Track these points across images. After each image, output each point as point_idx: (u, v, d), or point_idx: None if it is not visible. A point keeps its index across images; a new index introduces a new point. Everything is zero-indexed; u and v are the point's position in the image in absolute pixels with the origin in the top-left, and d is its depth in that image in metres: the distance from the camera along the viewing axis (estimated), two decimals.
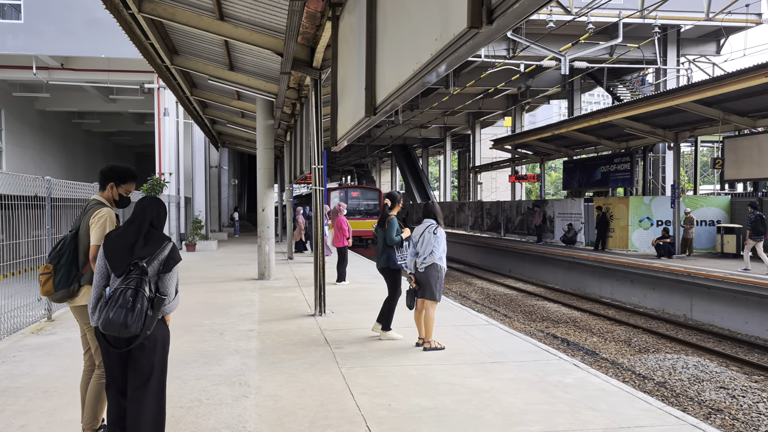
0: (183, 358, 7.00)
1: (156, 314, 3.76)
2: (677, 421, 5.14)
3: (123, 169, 4.47)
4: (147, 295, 3.70)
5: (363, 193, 30.94)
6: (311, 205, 10.62)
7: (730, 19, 21.27)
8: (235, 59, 12.91)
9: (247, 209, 58.36)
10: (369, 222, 26.35)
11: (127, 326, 3.64)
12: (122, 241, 3.84)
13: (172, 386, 5.76)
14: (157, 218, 3.95)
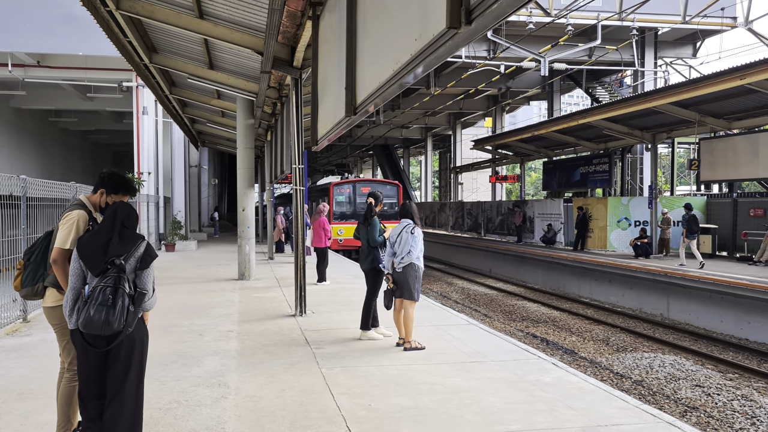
0: (161, 359, 6.94)
1: (138, 310, 3.76)
2: (653, 419, 5.21)
3: (120, 180, 4.41)
4: (127, 292, 3.69)
5: (377, 187, 23.77)
6: (293, 205, 10.56)
7: (705, 23, 21.59)
8: (215, 58, 12.82)
9: (228, 209, 57.98)
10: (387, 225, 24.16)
11: (109, 323, 3.62)
12: (96, 241, 3.83)
13: (150, 388, 5.70)
14: (127, 219, 3.93)
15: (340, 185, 23.86)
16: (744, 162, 16.46)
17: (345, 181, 24.93)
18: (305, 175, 10.89)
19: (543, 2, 20.37)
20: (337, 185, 23.66)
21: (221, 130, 23.54)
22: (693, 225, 16.79)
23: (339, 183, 24.06)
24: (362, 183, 25.02)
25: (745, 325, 13.67)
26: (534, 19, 20.05)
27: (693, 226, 16.80)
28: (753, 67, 13.20)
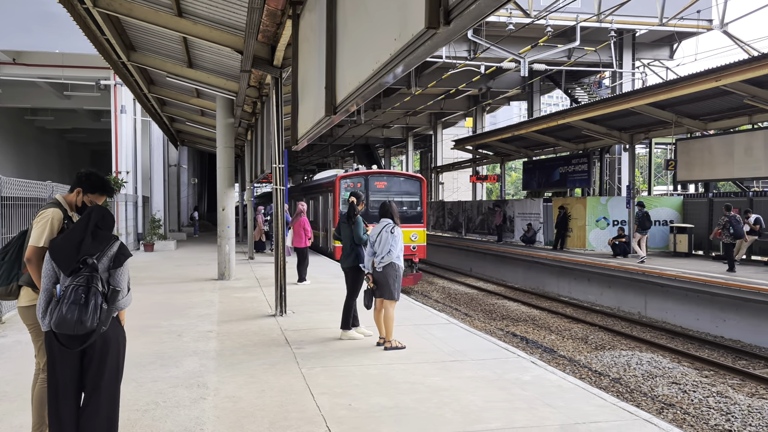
0: (139, 360, 6.87)
1: (111, 308, 3.72)
2: (630, 416, 5.27)
3: (98, 180, 4.37)
4: (100, 290, 3.66)
5: (395, 183, 19.55)
6: (277, 204, 10.52)
7: (682, 25, 21.89)
8: (195, 56, 12.73)
9: (208, 208, 57.58)
10: (406, 232, 16.96)
11: (82, 322, 3.58)
12: (68, 241, 3.79)
13: (128, 389, 5.64)
14: (102, 221, 3.89)
15: (348, 178, 19.14)
16: (719, 162, 16.72)
17: (355, 173, 19.42)
18: (285, 175, 10.85)
19: (523, 3, 20.51)
20: (344, 178, 19.07)
21: (201, 129, 23.37)
22: (645, 221, 18.07)
23: (347, 176, 19.26)
24: (377, 176, 19.54)
25: (721, 323, 13.88)
26: (514, 20, 20.17)
27: (645, 223, 18.08)
28: (728, 69, 13.41)
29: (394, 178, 19.74)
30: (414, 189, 19.43)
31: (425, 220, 19.26)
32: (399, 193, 19.07)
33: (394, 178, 19.74)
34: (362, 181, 19.02)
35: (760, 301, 12.72)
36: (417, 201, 19.31)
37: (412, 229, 18.30)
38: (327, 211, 20.67)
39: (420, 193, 19.33)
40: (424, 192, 19.37)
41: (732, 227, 15.65)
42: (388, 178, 19.61)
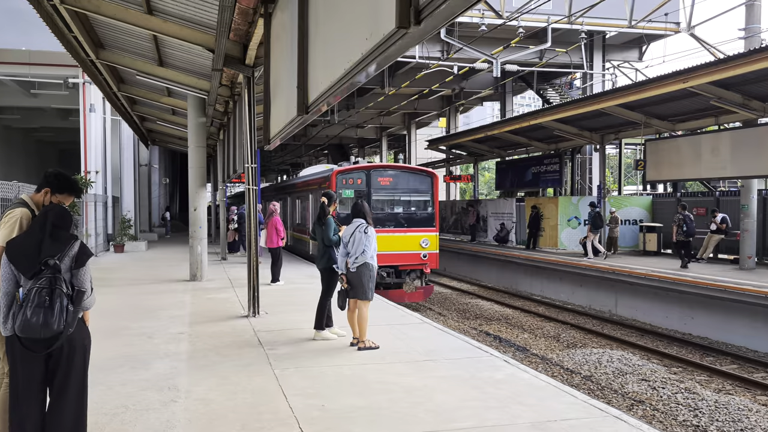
0: (108, 363, 6.76)
1: (78, 310, 3.66)
2: (601, 413, 5.34)
3: (65, 180, 4.28)
4: (65, 292, 3.59)
5: (402, 179, 16.72)
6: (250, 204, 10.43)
7: (650, 27, 22.25)
8: (165, 55, 12.57)
9: (179, 209, 56.88)
10: (415, 238, 15.94)
11: (47, 325, 3.50)
12: (27, 243, 3.71)
13: (96, 392, 5.55)
14: (59, 220, 3.82)
15: (347, 173, 16.22)
16: (687, 163, 17.02)
17: (354, 167, 16.65)
18: (258, 175, 10.78)
19: (495, 4, 20.66)
20: (342, 173, 16.14)
21: (172, 128, 23.08)
22: (597, 221, 18.70)
23: (346, 170, 16.32)
24: (380, 171, 16.62)
25: (689, 321, 14.14)
26: (486, 20, 20.31)
27: (597, 222, 18.71)
28: (695, 71, 13.66)
29: (401, 173, 16.86)
30: (424, 186, 16.68)
31: (437, 222, 16.64)
32: (407, 191, 16.46)
33: (401, 173, 16.86)
34: (363, 176, 16.22)
35: (726, 299, 12.99)
36: (428, 200, 16.55)
37: (422, 234, 16.01)
38: None
39: (431, 190, 16.66)
40: (436, 189, 16.76)
41: (685, 225, 16.36)
42: (394, 173, 16.67)
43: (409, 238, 15.91)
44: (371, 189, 16.04)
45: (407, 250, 15.83)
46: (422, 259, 15.83)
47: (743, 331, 12.82)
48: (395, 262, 15.71)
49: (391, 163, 20.05)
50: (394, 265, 15.65)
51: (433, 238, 16.11)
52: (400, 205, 16.29)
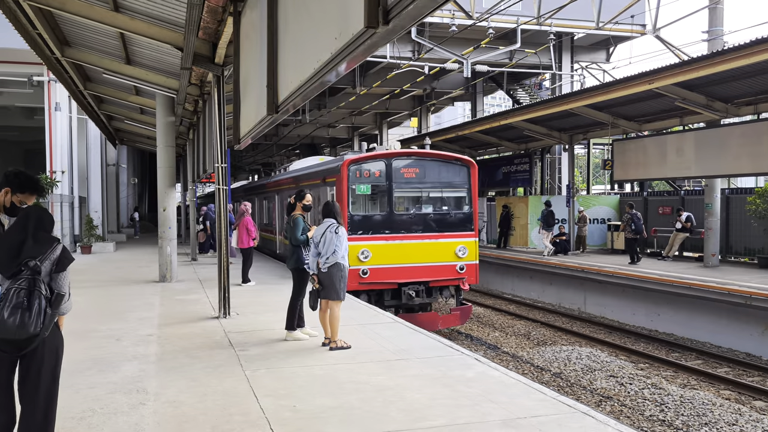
0: (75, 366, 6.63)
1: (55, 313, 3.62)
2: (569, 409, 5.41)
3: (26, 179, 4.20)
4: (44, 294, 3.53)
5: (432, 169, 13.37)
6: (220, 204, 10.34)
7: (617, 29, 22.63)
8: (133, 53, 12.39)
9: (148, 209, 56.12)
10: (449, 245, 12.91)
11: (24, 326, 3.45)
12: (8, 243, 3.65)
13: (63, 396, 5.41)
14: (41, 222, 3.77)
15: (361, 164, 12.87)
16: (653, 162, 17.35)
17: (371, 155, 13.25)
18: (228, 175, 10.69)
19: (465, 5, 20.80)
20: (356, 163, 12.82)
21: (141, 127, 22.75)
22: (550, 219, 19.41)
23: (360, 159, 13.02)
24: (404, 160, 13.18)
25: (655, 317, 14.42)
26: (457, 21, 20.44)
27: (550, 220, 19.42)
28: (660, 72, 13.93)
29: (431, 162, 13.28)
30: (459, 179, 13.36)
31: (476, 225, 13.43)
32: (437, 185, 13.22)
33: (431, 162, 13.28)
34: (382, 167, 12.86)
35: (691, 296, 13.27)
36: (463, 197, 13.34)
37: (457, 241, 12.91)
38: None
39: (468, 184, 13.35)
40: (474, 182, 13.44)
41: (633, 224, 17.02)
42: (422, 162, 13.20)
43: (442, 246, 12.80)
44: (392, 183, 12.80)
45: (440, 261, 12.75)
46: (458, 272, 12.78)
47: (707, 327, 13.12)
48: (425, 277, 12.56)
49: (417, 150, 14.79)
50: (423, 280, 12.54)
51: (472, 245, 13.03)
52: (430, 203, 13.13)
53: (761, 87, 14.25)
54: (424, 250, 12.66)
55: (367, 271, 12.22)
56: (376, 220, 12.67)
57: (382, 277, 12.36)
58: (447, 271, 12.74)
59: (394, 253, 12.44)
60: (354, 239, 11.46)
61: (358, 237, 12.24)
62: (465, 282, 12.88)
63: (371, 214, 12.77)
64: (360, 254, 12.13)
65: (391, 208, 12.69)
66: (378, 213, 12.74)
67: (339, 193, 12.72)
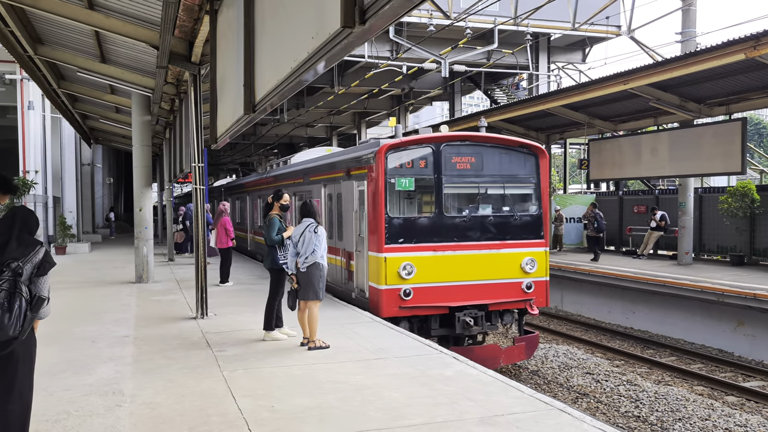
0: (49, 369, 6.54)
1: (35, 316, 3.58)
2: (546, 406, 5.47)
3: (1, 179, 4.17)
4: (24, 296, 3.49)
5: (491, 158, 10.46)
6: (197, 204, 10.26)
7: (593, 30, 22.88)
8: (108, 51, 12.24)
9: (124, 209, 55.47)
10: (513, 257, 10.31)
11: (3, 328, 3.42)
12: None
13: (37, 399, 5.33)
14: (26, 224, 3.73)
15: (403, 150, 10.10)
16: (628, 162, 17.59)
17: (415, 140, 10.29)
18: (205, 174, 10.62)
19: (443, 5, 20.87)
20: (395, 151, 10.03)
21: (116, 126, 22.48)
22: None
23: (401, 145, 10.11)
24: (456, 146, 10.36)
25: (631, 315, 14.62)
26: (435, 21, 20.51)
27: None
28: (634, 73, 14.11)
29: (491, 150, 10.45)
30: (526, 170, 10.67)
31: (546, 230, 10.86)
32: (498, 179, 10.50)
33: (491, 150, 10.45)
34: (429, 154, 10.05)
35: (665, 293, 13.48)
36: (530, 194, 10.72)
37: (524, 251, 10.35)
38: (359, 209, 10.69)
39: (537, 178, 10.70)
40: (544, 176, 10.85)
41: (596, 222, 17.51)
42: (480, 149, 10.36)
43: (505, 259, 10.14)
44: (442, 175, 10.02)
45: (502, 278, 10.10)
46: (525, 291, 10.20)
47: (681, 324, 13.34)
48: (484, 299, 9.93)
49: (471, 133, 10.63)
50: (481, 303, 9.91)
51: (541, 257, 10.46)
52: (489, 202, 10.37)
53: (733, 88, 14.52)
54: (482, 263, 9.97)
55: (410, 291, 9.54)
56: (422, 225, 9.90)
57: (429, 299, 9.69)
58: (511, 291, 10.10)
59: (445, 268, 9.77)
60: (393, 250, 9.61)
61: (399, 247, 9.65)
62: (533, 304, 10.25)
63: (415, 216, 9.96)
64: (401, 270, 9.54)
65: (440, 209, 9.92)
66: (423, 216, 10.00)
67: (372, 189, 9.84)
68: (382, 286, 9.55)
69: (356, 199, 10.56)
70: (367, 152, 10.22)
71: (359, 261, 10.53)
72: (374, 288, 9.79)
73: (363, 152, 10.46)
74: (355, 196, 10.60)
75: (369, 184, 9.95)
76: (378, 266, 9.62)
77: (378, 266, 9.62)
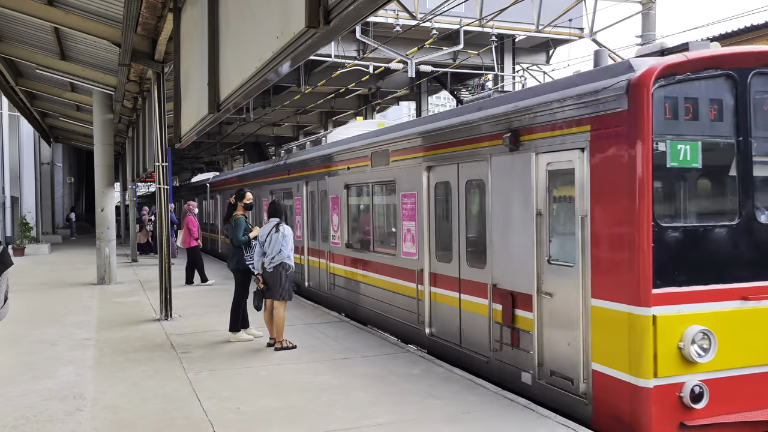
0: (6, 373, 6.39)
1: None
2: (510, 403, 5.54)
3: None
4: None
5: None
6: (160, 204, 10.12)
7: (556, 32, 23.19)
8: (68, 48, 11.99)
9: (86, 209, 54.40)
10: None
11: None
12: None
13: None
14: None
15: (685, 80, 4.77)
16: None
17: (706, 57, 4.82)
18: (170, 173, 10.49)
19: (409, 5, 20.94)
20: (671, 78, 4.72)
21: (77, 125, 22.03)
22: None
23: (686, 66, 4.77)
24: None
25: None
26: (401, 21, 20.56)
27: None
28: None
29: None
30: None
31: None
32: None
33: None
34: (726, 92, 4.96)
35: None
36: None
37: None
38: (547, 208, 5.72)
39: None
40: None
41: None
42: None
43: None
44: (751, 138, 5.04)
45: None
46: None
47: None
48: None
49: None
50: None
51: None
52: None
53: None
54: None
55: (703, 390, 4.76)
56: (715, 245, 5.00)
57: (740, 403, 4.90)
58: None
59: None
60: (669, 298, 4.76)
61: (679, 293, 4.81)
62: None
63: (702, 226, 4.98)
64: (687, 343, 4.75)
65: (747, 210, 5.05)
66: (716, 224, 5.00)
67: (613, 165, 4.93)
68: (643, 379, 4.67)
69: (540, 189, 5.73)
70: (604, 86, 5.01)
71: (549, 311, 5.62)
72: (616, 382, 4.84)
73: (584, 88, 5.21)
74: (538, 183, 5.76)
75: (597, 155, 5.01)
76: (632, 334, 4.70)
77: (632, 334, 4.70)
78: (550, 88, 5.82)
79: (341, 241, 10.15)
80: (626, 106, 4.74)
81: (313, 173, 11.40)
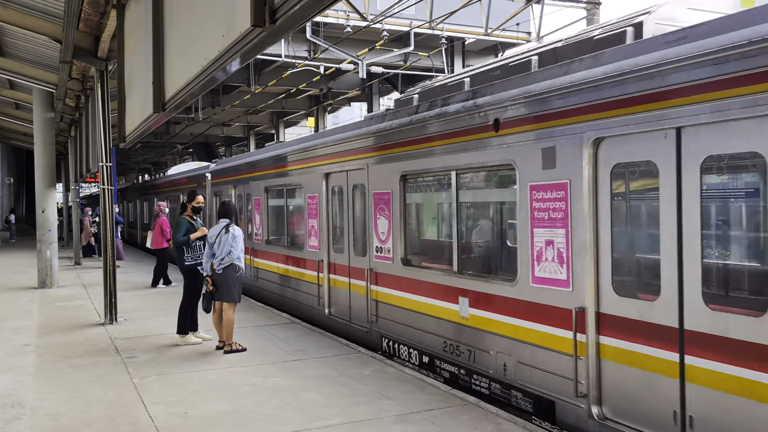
0: None
1: None
2: (461, 402, 5.61)
3: None
4: None
5: None
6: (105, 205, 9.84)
7: (504, 36, 23.59)
8: (6, 44, 11.56)
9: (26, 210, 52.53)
10: None
11: None
12: None
13: None
14: None
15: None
16: None
17: None
18: (114, 174, 10.23)
19: (360, 7, 20.96)
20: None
21: (16, 123, 21.23)
22: None
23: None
24: None
25: None
26: (352, 22, 20.56)
27: None
28: None
29: None
30: None
31: None
32: None
33: None
34: None
35: None
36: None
37: None
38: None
39: None
40: None
41: None
42: None
43: None
44: None
45: None
46: None
47: None
48: None
49: None
50: None
51: None
52: None
53: None
54: None
55: None
56: None
57: None
58: None
59: None
60: None
61: None
62: None
63: None
64: None
65: None
66: None
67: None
68: None
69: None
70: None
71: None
72: None
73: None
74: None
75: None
76: None
77: None
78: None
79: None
80: None
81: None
